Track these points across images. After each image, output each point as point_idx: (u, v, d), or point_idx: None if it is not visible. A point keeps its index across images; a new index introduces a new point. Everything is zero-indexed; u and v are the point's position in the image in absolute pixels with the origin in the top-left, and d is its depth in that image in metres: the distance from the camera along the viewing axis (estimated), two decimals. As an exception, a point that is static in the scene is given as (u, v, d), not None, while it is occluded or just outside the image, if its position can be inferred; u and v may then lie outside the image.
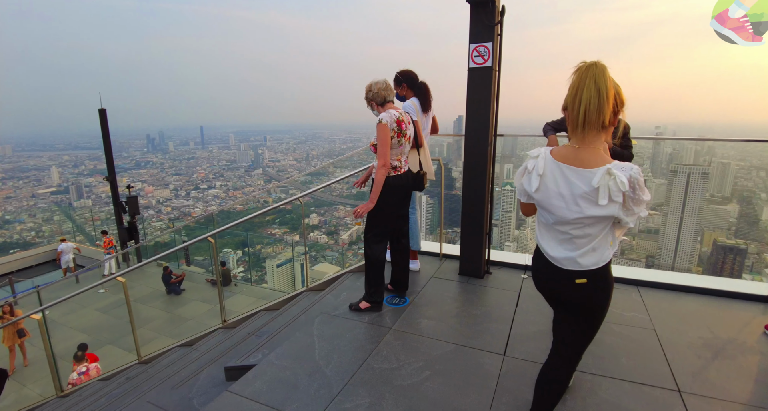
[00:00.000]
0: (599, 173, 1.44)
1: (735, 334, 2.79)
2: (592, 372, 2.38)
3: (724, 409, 2.11)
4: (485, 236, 3.67)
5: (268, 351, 2.92)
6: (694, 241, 18.98)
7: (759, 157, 15.76)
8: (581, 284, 1.59)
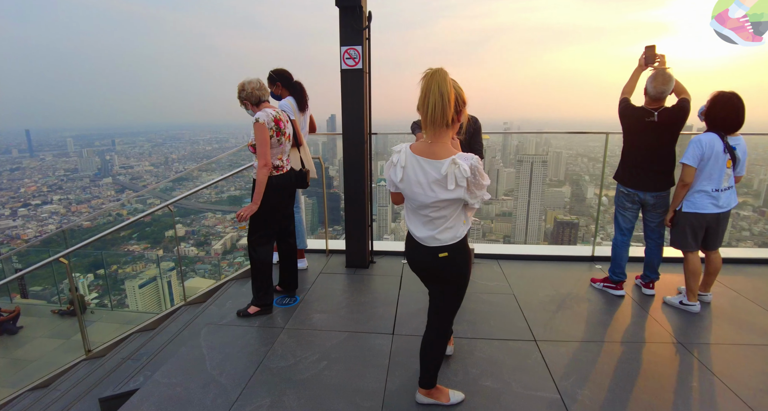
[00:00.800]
0: (446, 163, 1.70)
1: (571, 288, 3.45)
2: (468, 336, 2.73)
3: (567, 348, 2.61)
4: (368, 229, 3.88)
5: (150, 372, 2.69)
6: (539, 220, 22.09)
7: (583, 146, 18.84)
8: (444, 257, 1.85)
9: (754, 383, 2.31)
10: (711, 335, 2.80)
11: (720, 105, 2.86)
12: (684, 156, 2.94)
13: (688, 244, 3.06)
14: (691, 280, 3.08)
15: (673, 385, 2.31)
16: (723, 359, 2.53)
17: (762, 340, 2.74)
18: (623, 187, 3.22)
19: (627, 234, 3.29)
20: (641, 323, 2.95)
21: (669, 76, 2.97)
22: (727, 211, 3.01)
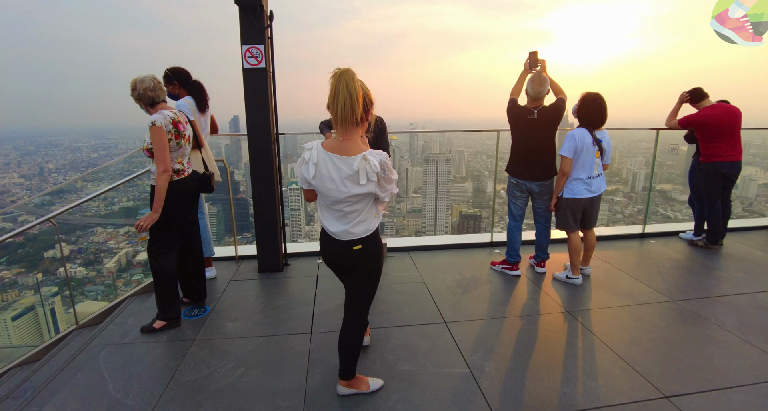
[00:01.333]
0: (358, 159, 1.78)
1: (474, 272, 3.74)
2: (384, 326, 2.84)
3: (473, 326, 2.85)
4: (280, 231, 3.82)
5: (39, 407, 2.39)
6: (446, 214, 23.31)
7: (481, 144, 20.13)
8: (358, 250, 1.92)
9: (624, 337, 2.73)
10: (591, 302, 3.23)
11: (587, 104, 3.30)
12: (561, 149, 3.36)
13: (569, 225, 3.49)
14: (574, 257, 3.52)
15: (563, 347, 2.63)
16: (600, 321, 2.94)
17: (628, 301, 3.23)
18: (513, 178, 3.57)
19: (519, 220, 3.66)
20: (536, 298, 3.31)
21: (544, 79, 3.36)
22: (599, 195, 3.49)
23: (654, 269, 3.86)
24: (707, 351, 2.59)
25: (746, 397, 2.18)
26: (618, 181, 17.68)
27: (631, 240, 4.70)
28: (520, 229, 3.68)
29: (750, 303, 3.21)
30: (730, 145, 4.20)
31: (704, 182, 4.34)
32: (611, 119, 3.38)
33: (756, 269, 3.87)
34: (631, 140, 11.75)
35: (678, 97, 4.41)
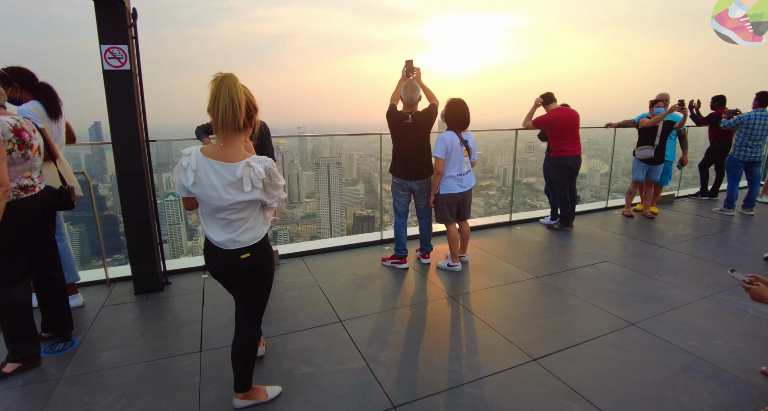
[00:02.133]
0: (241, 166, 1.75)
1: (368, 270, 3.88)
2: (280, 333, 2.81)
3: (367, 320, 2.97)
4: (157, 247, 3.54)
5: None
6: (341, 217, 23.41)
7: (369, 147, 20.55)
8: (246, 258, 1.89)
9: (500, 314, 3.08)
10: (470, 285, 3.57)
11: (451, 109, 3.66)
12: (434, 151, 3.65)
13: (447, 218, 3.81)
14: (453, 246, 3.85)
15: (449, 329, 2.88)
16: (479, 301, 3.27)
17: (501, 281, 3.64)
18: (395, 178, 3.79)
19: (403, 216, 3.90)
20: (423, 287, 3.55)
21: (416, 86, 3.63)
22: (470, 190, 3.86)
23: (521, 252, 4.41)
24: (564, 316, 3.05)
25: (593, 349, 2.62)
26: (491, 177, 19.61)
27: (501, 228, 5.29)
28: (405, 225, 3.92)
29: (594, 272, 3.84)
30: (571, 142, 4.97)
31: (554, 174, 5.07)
32: (480, 121, 3.79)
33: (597, 244, 4.65)
34: (500, 140, 13.12)
35: (533, 101, 5.10)
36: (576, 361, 2.51)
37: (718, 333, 2.80)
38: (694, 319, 2.98)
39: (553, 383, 2.31)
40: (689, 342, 2.70)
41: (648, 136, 5.48)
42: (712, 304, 3.21)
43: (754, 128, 5.72)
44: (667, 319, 2.99)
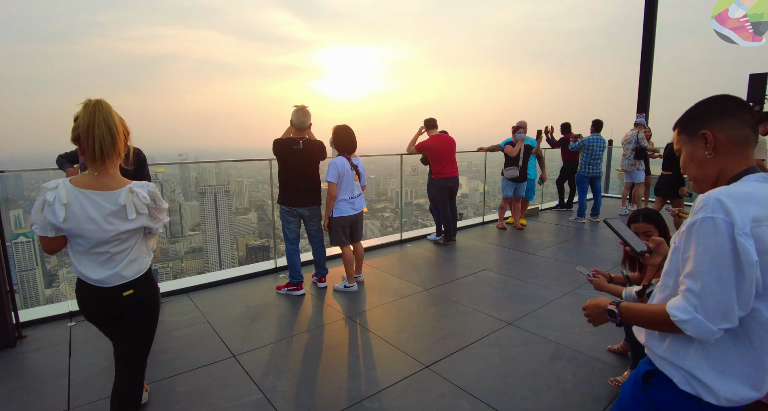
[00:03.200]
0: (123, 193, 1.66)
1: (262, 300, 3.76)
2: (166, 376, 2.59)
3: (264, 351, 2.87)
4: (7, 296, 3.03)
5: None
6: (231, 249, 22.09)
7: (261, 174, 20.01)
8: (129, 295, 1.75)
9: (393, 327, 3.21)
10: (366, 304, 3.67)
11: (339, 135, 3.81)
12: (327, 176, 3.75)
13: (341, 240, 3.90)
14: (348, 268, 3.94)
15: (347, 349, 2.92)
16: (375, 319, 3.38)
17: (395, 297, 3.81)
18: (285, 206, 3.77)
19: (295, 243, 3.88)
20: (320, 311, 3.55)
21: (308, 112, 3.72)
22: (361, 212, 4.01)
23: (411, 267, 4.66)
24: (452, 322, 3.30)
25: (477, 349, 2.88)
26: (385, 199, 20.32)
27: (393, 246, 5.54)
28: (298, 251, 3.91)
29: (476, 280, 4.22)
30: (449, 165, 5.46)
31: (436, 194, 5.51)
32: (371, 146, 3.98)
33: (477, 255, 5.11)
34: (391, 164, 13.78)
35: (417, 128, 5.53)
36: (463, 362, 2.73)
37: (575, 323, 3.27)
38: (557, 313, 3.44)
39: (445, 386, 2.48)
40: (554, 333, 3.11)
41: (513, 158, 6.27)
42: (571, 298, 3.75)
43: (593, 150, 6.89)
44: (537, 315, 3.41)
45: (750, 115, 1.13)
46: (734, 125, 1.11)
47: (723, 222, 0.98)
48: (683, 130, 1.20)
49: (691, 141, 1.18)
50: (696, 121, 1.17)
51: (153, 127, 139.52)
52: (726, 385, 1.06)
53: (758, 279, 0.99)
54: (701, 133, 1.14)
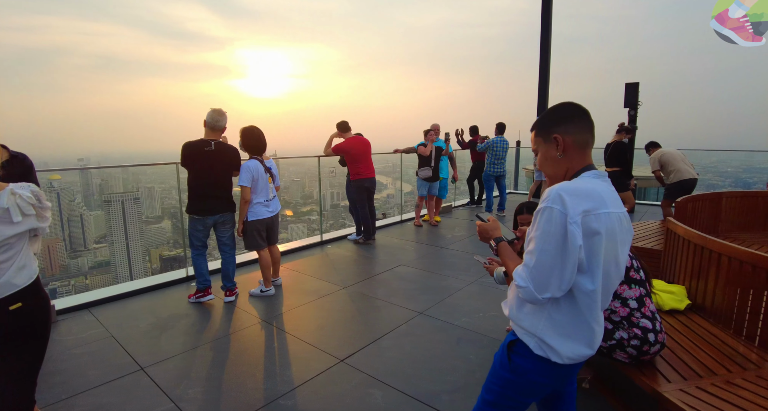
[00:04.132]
0: (5, 195, 1.57)
1: (173, 310, 3.62)
2: (62, 398, 2.42)
3: (175, 362, 2.79)
4: None
5: None
6: (143, 261, 20.54)
7: (174, 178, 18.92)
8: (17, 309, 1.65)
9: (312, 327, 3.28)
10: (283, 307, 3.69)
11: (247, 136, 3.76)
12: (240, 180, 3.68)
13: (258, 244, 3.87)
14: (266, 272, 3.92)
15: (263, 351, 2.93)
16: (293, 320, 3.42)
17: (314, 297, 3.87)
18: (195, 216, 3.62)
19: (201, 249, 3.71)
20: (235, 317, 3.51)
21: (223, 112, 3.63)
22: (277, 214, 4.01)
23: (331, 267, 4.75)
24: (367, 317, 3.44)
25: (390, 340, 3.04)
26: (312, 202, 20.06)
27: (314, 248, 5.58)
28: (204, 255, 3.74)
29: (392, 276, 4.42)
30: (366, 166, 5.62)
31: (355, 194, 5.65)
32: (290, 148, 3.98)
33: (395, 251, 5.33)
34: (314, 166, 13.70)
35: (330, 134, 5.62)
36: (376, 353, 2.88)
37: (480, 308, 3.57)
38: (464, 301, 3.73)
39: (358, 377, 2.61)
40: (461, 319, 3.38)
41: (426, 159, 6.59)
42: (476, 287, 4.07)
43: (497, 150, 7.47)
44: (446, 304, 3.67)
45: (589, 121, 1.37)
46: (578, 130, 1.34)
47: (559, 212, 1.20)
48: (539, 134, 1.42)
49: (546, 143, 1.39)
50: (549, 126, 1.38)
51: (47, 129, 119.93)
52: (568, 346, 1.29)
53: (582, 259, 1.21)
54: (554, 137, 1.36)
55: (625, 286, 2.17)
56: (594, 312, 1.28)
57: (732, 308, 2.52)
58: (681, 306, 2.80)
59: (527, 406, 1.42)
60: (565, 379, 1.39)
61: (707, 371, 2.12)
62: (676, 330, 2.55)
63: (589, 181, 1.28)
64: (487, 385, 1.46)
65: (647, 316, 2.14)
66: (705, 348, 2.34)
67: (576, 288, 1.24)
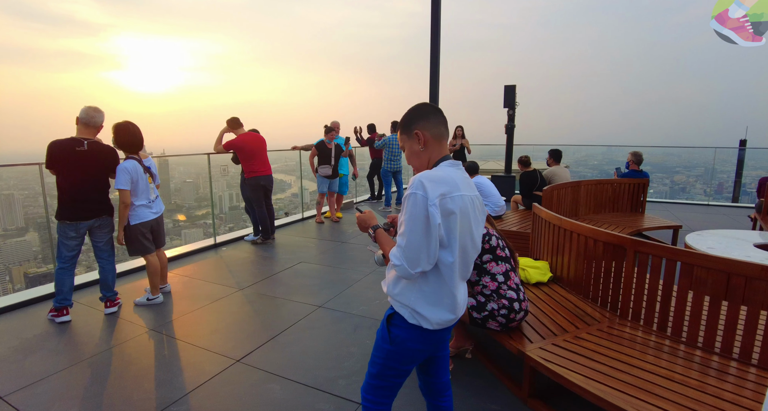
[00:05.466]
0: None
1: (41, 329, 3.23)
2: None
3: (42, 385, 2.52)
4: None
5: None
6: (4, 282, 17.78)
7: (36, 182, 16.57)
8: None
9: (206, 331, 3.16)
10: (173, 314, 3.49)
11: (122, 133, 3.45)
12: (117, 183, 3.37)
13: (146, 248, 3.60)
14: (154, 279, 3.67)
15: (152, 361, 2.76)
16: (184, 326, 3.26)
17: (207, 302, 3.72)
18: (66, 221, 3.26)
19: (70, 262, 3.34)
20: (119, 329, 3.24)
21: (100, 109, 3.29)
22: (161, 215, 3.77)
23: (226, 270, 4.59)
24: (265, 316, 3.41)
25: (289, 335, 3.06)
26: (208, 205, 18.81)
27: (207, 251, 5.32)
28: (71, 271, 3.37)
29: (292, 273, 4.41)
30: (261, 163, 5.50)
31: (251, 193, 5.50)
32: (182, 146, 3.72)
33: (295, 249, 5.32)
34: (203, 166, 12.93)
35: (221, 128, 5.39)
36: (275, 350, 2.88)
37: (376, 296, 3.74)
38: (362, 291, 3.88)
39: (256, 374, 2.60)
40: (359, 308, 3.51)
41: (325, 157, 6.64)
42: (374, 277, 4.25)
43: (393, 147, 7.78)
44: (345, 295, 3.78)
45: (443, 117, 1.56)
46: (433, 125, 1.53)
47: (421, 197, 1.36)
48: (403, 131, 1.58)
49: (410, 139, 1.56)
50: (410, 124, 1.55)
51: None
52: (435, 313, 1.47)
53: (443, 236, 1.39)
54: (415, 133, 1.53)
55: (493, 263, 2.47)
56: (455, 281, 1.47)
57: (582, 277, 2.99)
58: (545, 279, 3.24)
59: (408, 373, 1.57)
60: (437, 344, 1.57)
61: (561, 330, 2.51)
62: (540, 299, 2.96)
63: (445, 170, 1.47)
64: (372, 359, 1.59)
65: (512, 288, 2.45)
66: (561, 312, 2.75)
67: (439, 261, 1.42)
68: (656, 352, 2.25)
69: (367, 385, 1.61)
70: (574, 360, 2.17)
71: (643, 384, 1.95)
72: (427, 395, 1.76)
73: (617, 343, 2.34)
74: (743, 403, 1.81)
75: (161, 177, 3.99)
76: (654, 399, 1.84)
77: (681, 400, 1.84)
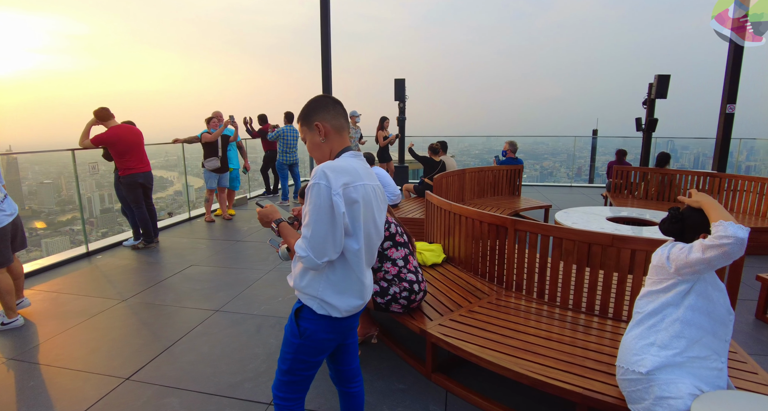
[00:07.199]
0: None
1: None
2: None
3: None
4: None
5: None
6: None
7: None
8: None
9: (80, 353, 2.78)
10: (40, 337, 3.01)
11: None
12: None
13: (6, 258, 3.05)
14: (8, 298, 3.11)
15: (13, 396, 2.36)
16: (53, 349, 2.83)
17: (83, 318, 3.27)
18: None
19: None
20: (-35, 363, 2.70)
21: None
22: (18, 215, 3.20)
23: (104, 281, 4.08)
24: (154, 326, 3.11)
25: (185, 345, 2.84)
26: (74, 209, 16.36)
27: (78, 262, 4.66)
28: None
29: (181, 278, 4.08)
30: (139, 159, 4.96)
31: (127, 193, 4.93)
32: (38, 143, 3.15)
33: (184, 252, 4.92)
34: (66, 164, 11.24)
35: (87, 122, 4.72)
36: (169, 362, 2.66)
37: (278, 294, 3.65)
38: (263, 290, 3.74)
39: (150, 390, 2.37)
40: (260, 307, 3.39)
41: (212, 149, 6.21)
42: (274, 274, 4.12)
43: (288, 139, 7.56)
44: (244, 296, 3.62)
45: (342, 109, 1.56)
46: (333, 117, 1.53)
47: (324, 187, 1.36)
48: (303, 124, 1.56)
49: (310, 131, 1.54)
50: (310, 116, 1.53)
51: None
52: (344, 301, 1.48)
53: (347, 224, 1.41)
54: (315, 125, 1.51)
55: (393, 249, 2.57)
56: (361, 268, 1.50)
57: (471, 255, 3.25)
58: (439, 260, 3.46)
59: (319, 365, 1.57)
60: (346, 332, 1.60)
61: (456, 306, 2.71)
62: (436, 279, 3.15)
63: (347, 160, 1.49)
64: (282, 356, 1.56)
65: (412, 271, 2.58)
66: (455, 289, 2.97)
67: (345, 249, 1.44)
68: (537, 316, 2.56)
69: (279, 383, 1.58)
70: (469, 332, 2.36)
71: (528, 346, 2.21)
72: (338, 383, 1.78)
73: (504, 312, 2.60)
74: (604, 350, 2.16)
75: (8, 179, 3.39)
76: (537, 358, 2.10)
77: (558, 355, 2.12)
